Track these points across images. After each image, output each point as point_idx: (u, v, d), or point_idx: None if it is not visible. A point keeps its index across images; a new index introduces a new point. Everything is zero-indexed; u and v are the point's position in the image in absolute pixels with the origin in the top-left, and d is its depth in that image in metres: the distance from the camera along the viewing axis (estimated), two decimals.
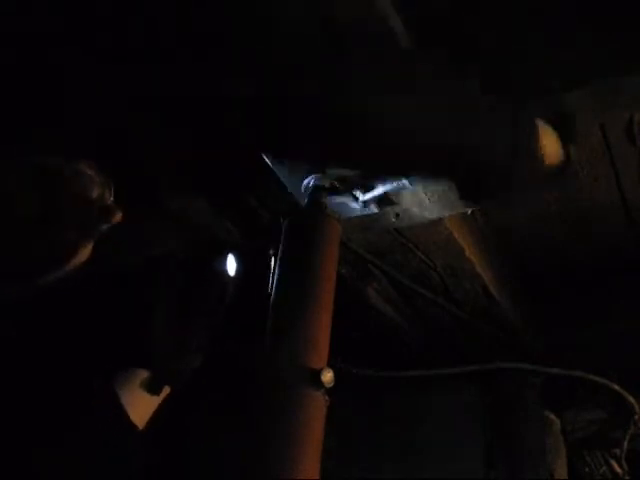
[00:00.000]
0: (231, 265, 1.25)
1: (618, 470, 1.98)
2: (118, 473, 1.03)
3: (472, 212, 1.38)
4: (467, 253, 1.54)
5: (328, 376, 0.95)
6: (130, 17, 0.97)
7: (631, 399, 1.85)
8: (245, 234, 1.54)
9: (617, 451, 1.95)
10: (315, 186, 1.16)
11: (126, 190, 1.39)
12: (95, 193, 0.97)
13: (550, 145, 0.92)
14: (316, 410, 0.94)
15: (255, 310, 1.17)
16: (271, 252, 1.21)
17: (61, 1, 0.95)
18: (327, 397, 0.96)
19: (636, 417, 1.87)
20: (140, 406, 1.07)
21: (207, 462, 2.12)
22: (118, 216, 0.99)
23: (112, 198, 1.01)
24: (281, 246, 1.12)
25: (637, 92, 1.03)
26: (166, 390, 1.10)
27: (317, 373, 0.94)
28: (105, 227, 0.99)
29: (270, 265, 1.20)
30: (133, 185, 1.38)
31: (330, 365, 0.98)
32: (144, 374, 1.08)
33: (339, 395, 1.01)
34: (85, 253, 0.97)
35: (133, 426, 1.03)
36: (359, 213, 1.27)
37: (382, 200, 1.25)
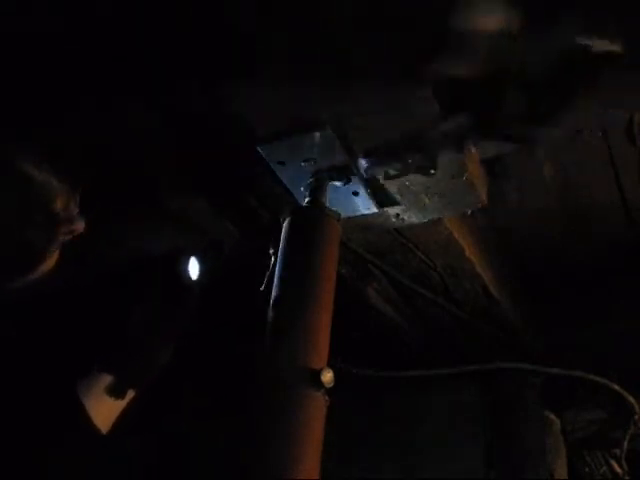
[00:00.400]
0: (194, 269, 1.26)
1: (618, 470, 1.98)
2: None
3: (472, 212, 1.38)
4: (467, 253, 1.54)
5: (328, 376, 0.94)
6: (130, 16, 0.97)
7: (631, 399, 1.84)
8: (245, 234, 1.54)
9: (617, 451, 1.95)
10: (315, 186, 1.16)
11: (126, 190, 1.40)
12: (59, 203, 0.97)
13: None
14: (316, 410, 0.94)
15: (255, 310, 1.17)
16: (271, 252, 1.21)
17: (61, 1, 0.95)
18: (327, 397, 0.96)
19: (636, 417, 1.87)
20: (103, 410, 1.07)
21: (207, 462, 2.12)
22: (81, 227, 1.01)
23: (77, 209, 1.02)
24: (281, 246, 1.12)
25: (637, 92, 1.03)
26: (130, 394, 1.10)
27: (317, 373, 0.94)
28: (67, 238, 1.00)
29: (270, 265, 1.20)
30: (133, 185, 1.38)
31: (330, 365, 0.98)
32: (107, 378, 1.08)
33: (339, 395, 1.01)
34: (50, 262, 0.98)
35: (97, 430, 1.04)
36: (359, 212, 1.28)
37: (382, 199, 1.25)
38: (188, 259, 1.25)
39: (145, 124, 1.24)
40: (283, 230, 1.14)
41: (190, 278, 1.24)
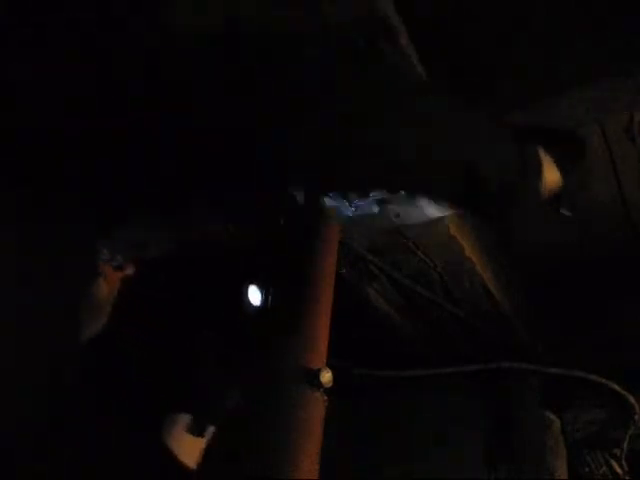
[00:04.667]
0: (254, 296, 1.29)
1: (618, 470, 1.98)
2: None
3: None
4: (467, 253, 1.54)
5: (327, 376, 0.95)
6: None
7: (631, 399, 1.84)
8: (245, 234, 1.54)
9: (617, 451, 1.95)
10: None
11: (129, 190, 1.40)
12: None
13: (549, 174, 0.94)
14: (315, 410, 0.94)
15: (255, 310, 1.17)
16: (271, 252, 1.21)
17: None
18: (326, 397, 0.96)
19: (636, 417, 1.87)
20: (189, 448, 1.15)
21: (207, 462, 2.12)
22: (132, 271, 1.14)
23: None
24: (281, 246, 1.12)
25: (637, 92, 1.03)
26: (210, 430, 1.18)
27: (316, 373, 0.94)
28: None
29: (270, 265, 1.20)
30: (135, 185, 1.38)
31: (330, 365, 0.98)
32: (187, 418, 1.15)
33: (339, 395, 1.01)
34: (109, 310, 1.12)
35: (186, 468, 1.12)
36: (359, 212, 1.27)
37: (382, 199, 1.25)
38: (247, 288, 1.28)
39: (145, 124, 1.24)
40: (283, 230, 1.14)
41: (252, 306, 1.28)
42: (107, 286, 1.08)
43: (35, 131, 0.83)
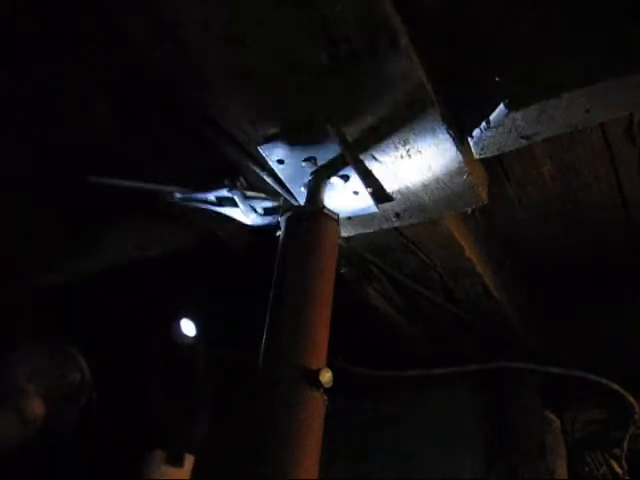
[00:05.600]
0: (189, 328, 1.31)
1: (618, 470, 1.97)
2: None
3: (472, 212, 1.38)
4: (467, 253, 1.54)
5: (327, 376, 0.94)
6: None
7: (631, 399, 1.84)
8: (245, 234, 1.54)
9: (617, 451, 1.95)
10: (314, 185, 1.16)
11: (126, 190, 1.40)
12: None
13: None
14: (315, 410, 0.94)
15: (255, 310, 1.17)
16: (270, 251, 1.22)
17: None
18: (326, 397, 0.96)
19: (636, 417, 1.87)
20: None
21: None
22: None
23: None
24: (280, 246, 1.12)
25: (637, 92, 1.03)
26: (190, 458, 1.18)
27: (316, 373, 0.94)
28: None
29: (269, 265, 1.20)
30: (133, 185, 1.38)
31: (330, 365, 0.98)
32: (162, 453, 1.16)
33: (339, 395, 1.00)
34: None
35: None
36: (359, 212, 1.28)
37: (382, 199, 1.25)
38: (179, 323, 1.31)
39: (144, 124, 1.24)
40: (282, 229, 1.14)
41: (188, 338, 1.30)
42: (40, 406, 1.12)
43: None
